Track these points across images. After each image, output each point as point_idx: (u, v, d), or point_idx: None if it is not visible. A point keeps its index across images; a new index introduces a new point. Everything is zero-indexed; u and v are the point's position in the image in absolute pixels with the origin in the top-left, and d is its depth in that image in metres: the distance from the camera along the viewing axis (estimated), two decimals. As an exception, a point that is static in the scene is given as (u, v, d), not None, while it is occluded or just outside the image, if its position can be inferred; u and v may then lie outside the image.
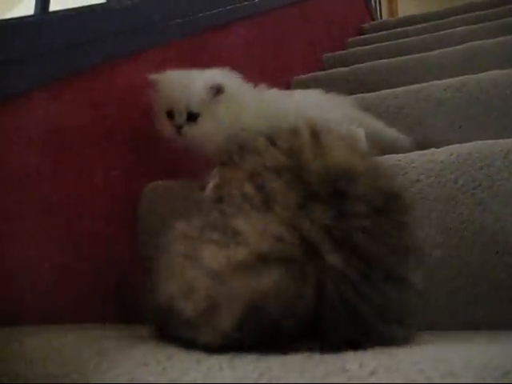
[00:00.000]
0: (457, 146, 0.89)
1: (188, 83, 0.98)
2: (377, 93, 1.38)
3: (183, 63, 1.07)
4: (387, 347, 0.52)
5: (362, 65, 1.88)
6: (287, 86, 1.81)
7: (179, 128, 0.98)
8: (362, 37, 2.81)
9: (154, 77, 1.00)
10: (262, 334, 0.52)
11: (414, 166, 0.87)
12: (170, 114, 0.99)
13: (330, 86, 1.56)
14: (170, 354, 0.55)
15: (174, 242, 0.61)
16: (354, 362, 0.47)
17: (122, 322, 0.92)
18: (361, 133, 1.08)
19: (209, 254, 0.55)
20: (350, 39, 2.73)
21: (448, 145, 0.90)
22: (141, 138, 1.10)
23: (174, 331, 0.58)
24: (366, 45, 2.44)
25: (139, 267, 1.02)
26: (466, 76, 1.31)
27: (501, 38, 1.68)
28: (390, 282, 0.55)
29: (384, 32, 2.69)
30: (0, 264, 0.78)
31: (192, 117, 0.97)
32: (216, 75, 1.01)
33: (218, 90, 0.97)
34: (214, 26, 1.43)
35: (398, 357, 0.48)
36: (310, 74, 1.89)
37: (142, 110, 1.12)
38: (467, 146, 0.88)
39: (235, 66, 1.05)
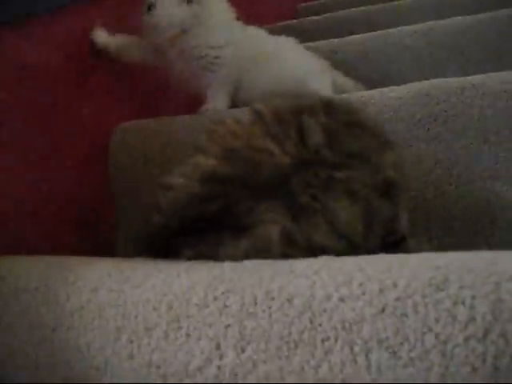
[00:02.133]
0: (415, 83, 0.92)
1: None
2: (344, 38, 1.39)
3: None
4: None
5: (334, 13, 1.88)
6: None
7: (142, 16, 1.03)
8: (336, -12, 2.79)
9: None
10: None
11: (373, 102, 0.90)
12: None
13: (302, 33, 1.57)
14: (133, 267, 0.59)
15: None
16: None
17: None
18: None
19: None
20: (324, -10, 2.72)
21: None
22: (113, 77, 1.12)
23: None
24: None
25: (109, 203, 1.05)
26: (433, 22, 1.33)
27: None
28: None
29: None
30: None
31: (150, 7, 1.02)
32: None
33: None
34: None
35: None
36: (283, 23, 1.89)
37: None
38: (425, 83, 0.91)
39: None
